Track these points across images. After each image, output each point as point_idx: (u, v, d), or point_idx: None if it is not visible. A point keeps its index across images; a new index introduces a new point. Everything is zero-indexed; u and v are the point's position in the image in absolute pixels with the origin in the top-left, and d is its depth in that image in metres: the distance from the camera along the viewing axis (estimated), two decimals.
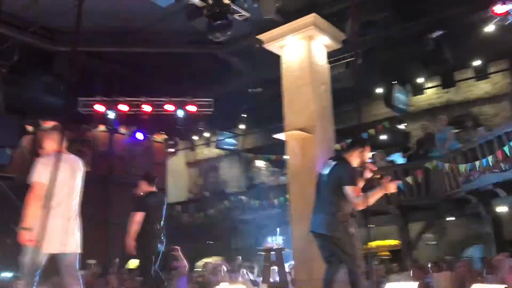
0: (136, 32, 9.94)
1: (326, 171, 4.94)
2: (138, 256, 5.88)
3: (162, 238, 6.05)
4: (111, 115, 12.15)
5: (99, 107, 12.01)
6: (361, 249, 4.77)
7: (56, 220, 4.05)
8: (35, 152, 13.83)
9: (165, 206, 6.25)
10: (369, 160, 5.18)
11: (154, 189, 6.19)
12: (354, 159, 4.95)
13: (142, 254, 5.91)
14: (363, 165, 4.97)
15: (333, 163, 4.94)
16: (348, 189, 4.62)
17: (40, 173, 4.09)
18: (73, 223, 4.35)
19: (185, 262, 8.31)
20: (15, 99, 11.47)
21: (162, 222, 6.09)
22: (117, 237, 13.92)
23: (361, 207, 4.70)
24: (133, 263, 12.18)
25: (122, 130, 14.28)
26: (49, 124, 13.81)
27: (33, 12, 9.26)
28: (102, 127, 13.71)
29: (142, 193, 6.15)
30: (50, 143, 4.38)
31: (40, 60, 10.53)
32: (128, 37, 10.08)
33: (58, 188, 4.00)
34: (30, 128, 13.64)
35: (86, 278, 10.80)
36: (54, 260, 4.27)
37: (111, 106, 12.07)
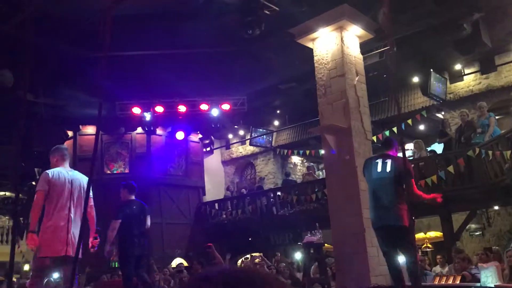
0: (165, 33, 10.04)
1: (383, 167, 5.17)
2: (118, 260, 6.18)
3: (142, 242, 6.34)
4: (148, 117, 12.35)
5: (136, 110, 12.24)
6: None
7: None
8: (75, 155, 14.33)
9: (145, 214, 6.54)
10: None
11: (133, 198, 6.51)
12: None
13: (122, 258, 6.27)
14: None
15: (388, 160, 5.22)
16: (412, 182, 5.02)
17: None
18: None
19: (220, 258, 8.35)
20: (55, 106, 11.87)
21: (141, 228, 6.38)
22: (156, 236, 14.19)
23: (416, 200, 5.12)
24: (175, 262, 12.37)
25: (159, 131, 14.51)
26: (88, 128, 14.22)
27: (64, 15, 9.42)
28: (139, 129, 13.96)
29: (122, 201, 6.50)
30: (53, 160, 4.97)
31: (75, 65, 10.78)
32: (157, 38, 10.19)
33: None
34: (70, 133, 14.07)
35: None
36: None
37: (147, 108, 12.28)
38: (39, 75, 10.50)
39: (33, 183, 14.32)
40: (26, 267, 16.43)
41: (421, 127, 14.19)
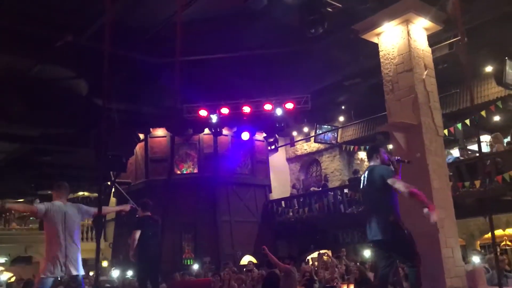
0: (229, 36, 10.19)
1: (363, 181, 5.16)
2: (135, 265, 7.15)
3: (154, 251, 7.14)
4: (214, 118, 12.61)
5: (202, 112, 12.54)
6: None
7: None
8: (147, 157, 14.92)
9: (157, 227, 7.33)
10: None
11: (149, 214, 7.41)
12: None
13: (137, 264, 7.26)
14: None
15: (365, 172, 5.24)
16: (394, 178, 4.88)
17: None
18: None
19: (275, 259, 8.37)
20: (127, 111, 12.42)
21: (152, 239, 7.16)
22: (225, 234, 14.50)
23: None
24: (244, 260, 12.58)
25: (225, 132, 14.80)
26: (158, 130, 14.75)
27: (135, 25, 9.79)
28: (206, 130, 14.32)
29: (140, 216, 7.49)
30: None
31: (144, 71, 11.19)
32: (221, 41, 10.34)
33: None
34: (141, 136, 14.68)
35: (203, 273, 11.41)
36: None
37: (213, 109, 12.54)
38: (111, 81, 11.03)
39: (108, 183, 15.12)
40: (105, 264, 17.36)
41: (496, 118, 13.45)
